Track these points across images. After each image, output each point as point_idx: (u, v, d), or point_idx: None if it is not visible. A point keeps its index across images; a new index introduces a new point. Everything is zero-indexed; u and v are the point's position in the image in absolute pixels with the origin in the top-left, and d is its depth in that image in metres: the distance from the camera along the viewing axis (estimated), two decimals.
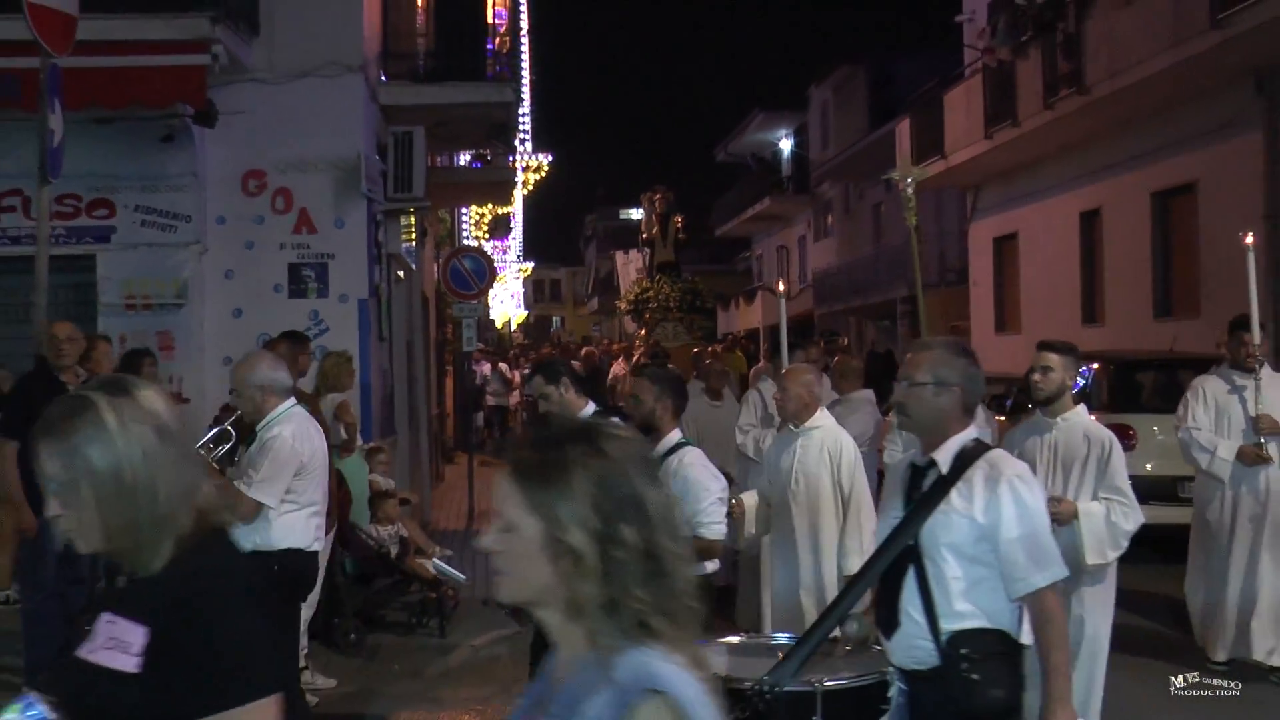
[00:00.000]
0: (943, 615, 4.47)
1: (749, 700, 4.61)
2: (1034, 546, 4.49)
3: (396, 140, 16.75)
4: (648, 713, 2.35)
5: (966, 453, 4.64)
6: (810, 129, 48.41)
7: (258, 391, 7.29)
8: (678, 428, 7.21)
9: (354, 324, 14.65)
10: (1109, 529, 7.03)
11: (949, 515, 4.53)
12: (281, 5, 14.49)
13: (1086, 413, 7.55)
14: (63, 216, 13.20)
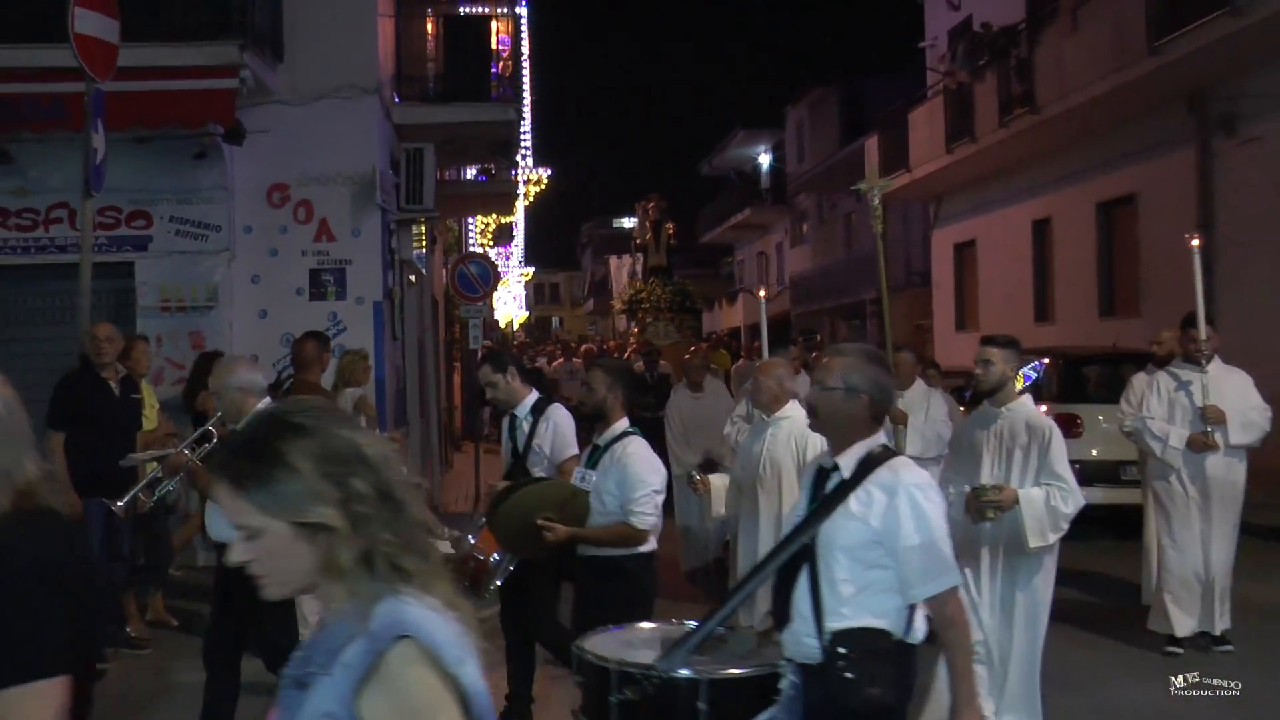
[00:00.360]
0: (829, 613, 4.28)
1: (639, 683, 4.56)
2: (930, 554, 4.28)
3: (408, 156, 16.80)
4: (397, 657, 2.32)
5: (870, 459, 4.42)
6: (787, 145, 48.33)
7: (237, 393, 7.26)
8: (625, 417, 7.04)
9: (370, 324, 14.64)
10: (1049, 513, 6.88)
11: (845, 519, 4.33)
12: (303, 33, 14.47)
13: (1031, 403, 7.35)
14: (105, 227, 13.20)
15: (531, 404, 8.02)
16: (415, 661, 2.34)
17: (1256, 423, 9.62)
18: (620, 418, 6.95)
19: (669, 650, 4.60)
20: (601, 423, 6.95)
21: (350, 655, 2.36)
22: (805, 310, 43.95)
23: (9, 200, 13.67)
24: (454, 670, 2.37)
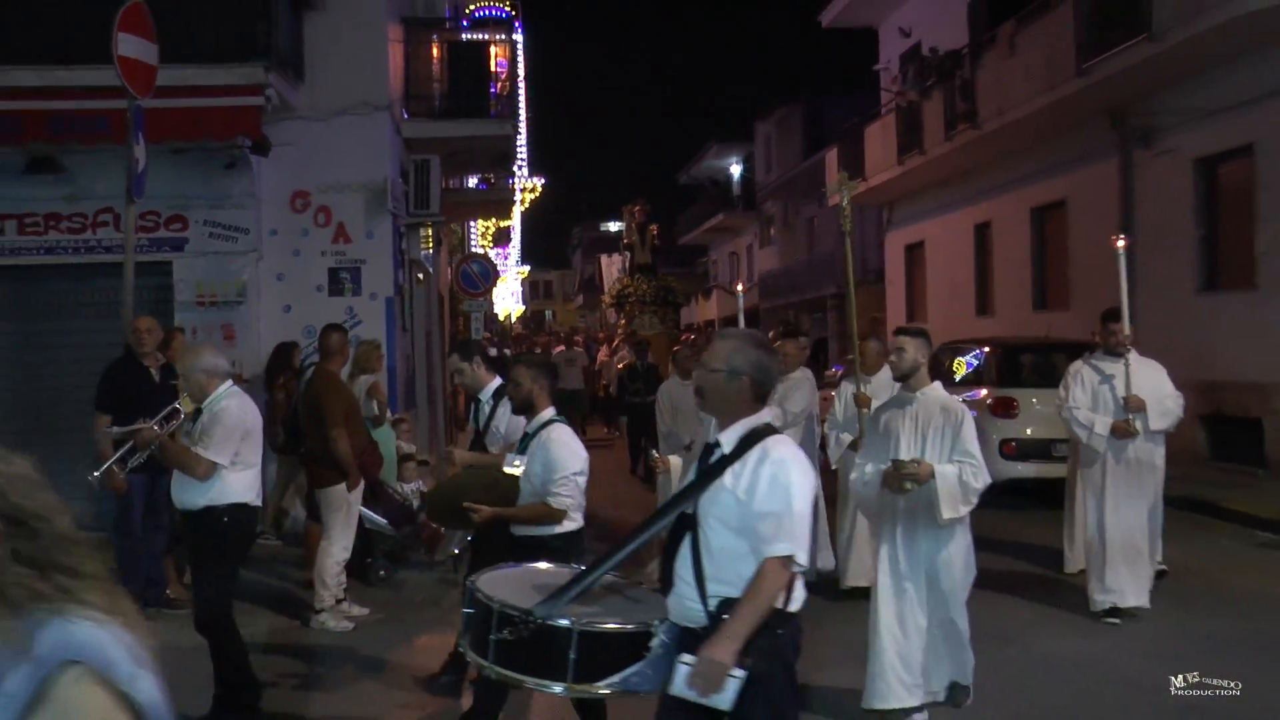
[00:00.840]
0: (709, 580, 4.12)
1: (516, 626, 4.45)
2: (778, 522, 4.08)
3: (416, 166, 16.83)
4: (65, 681, 2.07)
5: (752, 435, 4.24)
6: (756, 157, 48.39)
7: (202, 375, 7.27)
8: (551, 406, 6.89)
9: (382, 317, 14.64)
10: (961, 487, 6.77)
11: (721, 491, 4.17)
12: (322, 56, 14.48)
13: (942, 388, 7.18)
14: (145, 230, 13.17)
15: (493, 389, 8.00)
16: (84, 683, 2.09)
17: (1172, 410, 9.59)
18: (546, 407, 6.84)
19: (549, 597, 4.46)
20: (530, 412, 6.84)
21: (13, 684, 2.08)
22: (772, 304, 44.06)
23: (61, 205, 13.64)
24: (126, 687, 2.14)
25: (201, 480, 7.10)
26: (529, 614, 4.40)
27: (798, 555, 4.09)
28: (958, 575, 7.01)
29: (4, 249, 13.69)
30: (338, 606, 9.83)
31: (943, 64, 23.89)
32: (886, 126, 27.22)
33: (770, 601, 4.07)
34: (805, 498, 4.15)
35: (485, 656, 4.54)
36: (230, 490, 7.20)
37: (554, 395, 7.00)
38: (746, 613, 4.01)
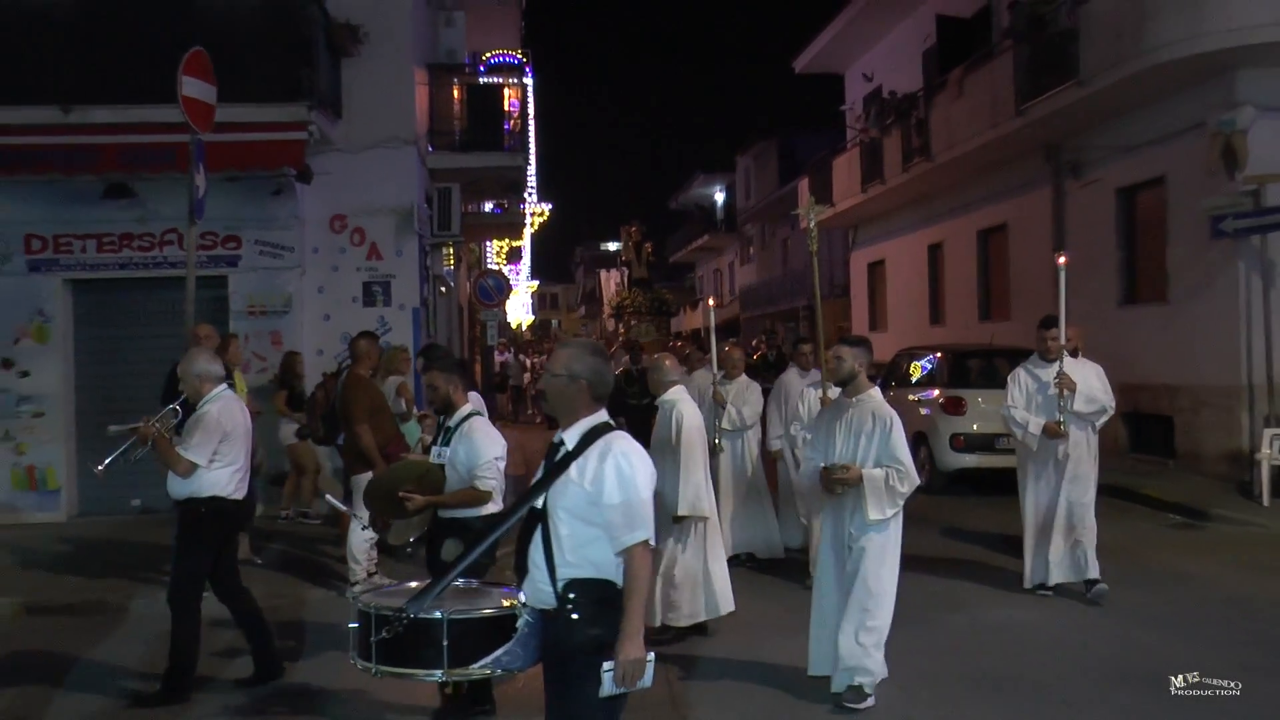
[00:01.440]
0: (559, 565, 4.05)
1: (392, 624, 4.33)
2: (629, 511, 3.99)
3: (439, 193, 16.93)
4: None
5: (592, 433, 4.14)
6: (737, 185, 48.44)
7: (196, 379, 7.17)
8: (468, 401, 6.80)
9: (409, 326, 14.71)
10: (888, 491, 6.55)
11: (567, 484, 4.07)
12: (357, 97, 14.55)
13: (879, 395, 6.90)
14: (205, 248, 13.23)
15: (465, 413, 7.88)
16: None
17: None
18: (464, 402, 6.75)
19: (416, 595, 4.34)
20: (450, 410, 6.74)
21: None
22: (751, 315, 44.13)
23: (133, 226, 13.75)
24: None
25: (182, 477, 7.00)
26: (401, 612, 4.30)
27: (649, 537, 4.03)
28: (885, 577, 6.71)
29: (85, 265, 13.82)
30: (369, 579, 9.88)
31: (900, 105, 23.97)
32: (851, 159, 27.24)
33: (647, 584, 4.05)
34: (648, 485, 4.09)
35: (370, 659, 4.42)
36: (209, 485, 7.06)
37: (467, 389, 6.94)
38: (635, 604, 3.97)
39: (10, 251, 13.68)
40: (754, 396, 10.97)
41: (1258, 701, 6.46)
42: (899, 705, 6.63)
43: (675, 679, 7.27)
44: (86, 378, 13.90)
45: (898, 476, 6.57)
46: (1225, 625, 8.31)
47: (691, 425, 8.25)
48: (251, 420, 11.21)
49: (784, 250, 41.67)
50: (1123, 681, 6.99)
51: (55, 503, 13.66)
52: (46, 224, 13.68)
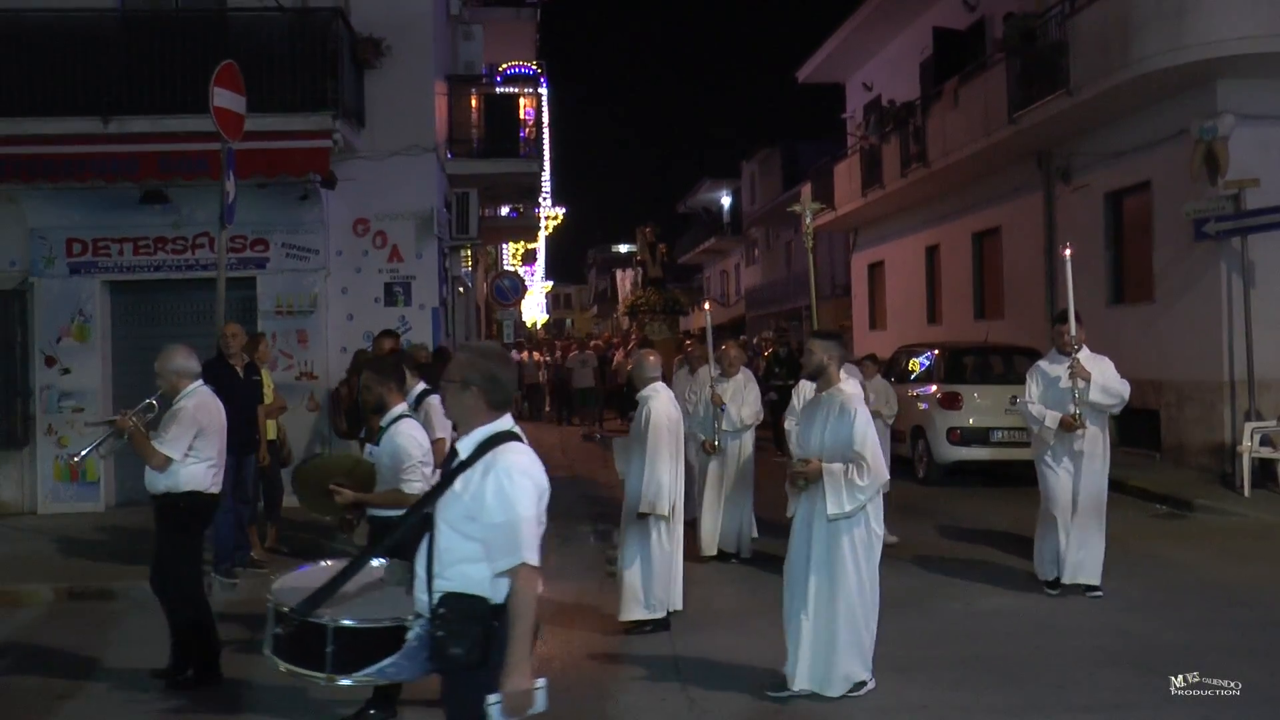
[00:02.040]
0: (435, 577, 3.78)
1: (286, 622, 4.19)
2: (509, 532, 3.67)
3: (458, 198, 16.99)
4: None
5: (486, 443, 3.83)
6: (742, 190, 48.45)
7: (173, 375, 7.07)
8: (402, 401, 6.65)
9: (429, 325, 14.73)
10: (847, 486, 6.18)
11: (451, 495, 3.79)
12: (380, 106, 14.59)
13: (852, 388, 6.53)
14: (235, 251, 13.27)
15: (419, 391, 7.82)
16: None
17: (1115, 389, 8.88)
18: (398, 403, 6.58)
19: (309, 597, 4.13)
20: (383, 411, 6.55)
21: None
22: (756, 314, 44.14)
23: (167, 230, 13.84)
24: None
25: (157, 470, 6.90)
26: (292, 611, 4.13)
27: (531, 560, 3.68)
28: (856, 575, 6.40)
29: (122, 267, 13.90)
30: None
31: (899, 114, 23.95)
32: (852, 165, 27.22)
33: (531, 609, 3.70)
34: (530, 503, 3.74)
35: (266, 648, 4.32)
36: (186, 480, 6.95)
37: (403, 392, 6.78)
38: (519, 631, 3.66)
39: (53, 255, 13.78)
40: (753, 395, 10.82)
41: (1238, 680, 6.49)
42: (895, 689, 6.63)
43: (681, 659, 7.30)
44: (123, 375, 13.97)
45: (858, 471, 6.21)
46: (1208, 610, 8.31)
47: (659, 422, 7.96)
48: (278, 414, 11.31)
49: (788, 252, 41.66)
50: (1111, 664, 7.00)
51: (95, 493, 13.75)
52: (86, 229, 13.77)
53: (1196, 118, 14.40)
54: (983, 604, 8.72)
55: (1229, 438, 14.17)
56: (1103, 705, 6.21)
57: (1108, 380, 8.93)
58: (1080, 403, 8.80)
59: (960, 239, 23.29)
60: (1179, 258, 15.32)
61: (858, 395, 6.48)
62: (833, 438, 6.37)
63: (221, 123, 10.12)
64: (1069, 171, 18.28)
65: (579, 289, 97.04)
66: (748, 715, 6.23)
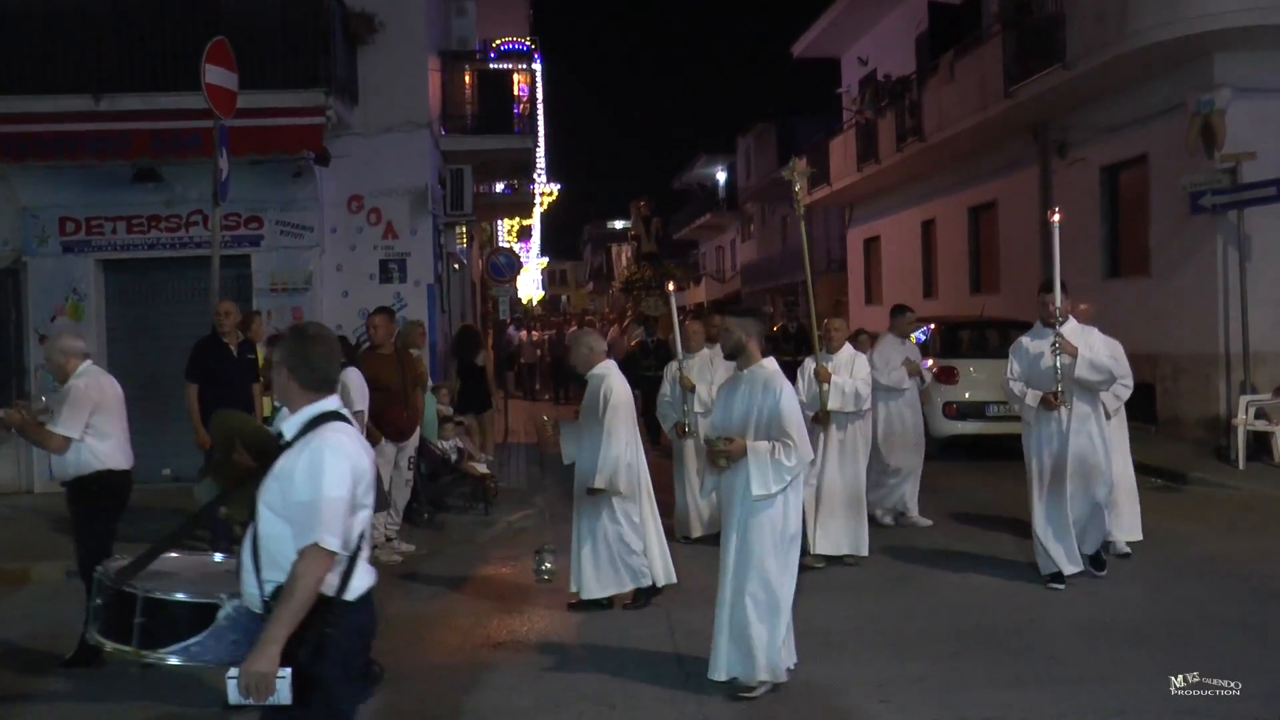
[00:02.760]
0: (263, 566, 3.61)
1: (105, 591, 4.08)
2: (310, 511, 3.49)
3: (452, 174, 16.89)
4: None
5: (310, 423, 3.68)
6: (738, 165, 48.30)
7: (60, 355, 6.96)
8: None
9: (424, 301, 14.72)
10: (772, 465, 5.90)
11: (272, 479, 3.63)
12: (373, 83, 14.52)
13: (773, 365, 6.23)
14: (229, 228, 13.25)
15: None
16: None
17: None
18: None
19: (127, 566, 4.02)
20: None
21: None
22: (752, 290, 44.09)
23: (160, 208, 13.79)
24: None
25: (59, 453, 6.84)
26: (106, 577, 4.03)
27: (325, 542, 3.49)
28: (767, 545, 6.06)
29: (115, 245, 13.87)
30: (388, 544, 9.95)
31: (894, 88, 23.89)
32: (847, 140, 27.20)
33: (308, 595, 3.48)
34: (339, 483, 3.57)
35: (88, 621, 4.24)
36: (94, 459, 6.90)
37: None
38: (282, 613, 3.44)
39: (46, 234, 13.74)
40: (721, 373, 10.23)
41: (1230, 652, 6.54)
42: (892, 662, 6.67)
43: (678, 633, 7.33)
44: (119, 353, 13.94)
45: (784, 450, 5.94)
46: (1202, 582, 8.36)
47: (619, 400, 7.83)
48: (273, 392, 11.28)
49: (783, 228, 41.60)
50: (1105, 636, 7.04)
51: None
52: (79, 207, 13.72)
53: (1193, 91, 14.38)
54: (977, 577, 8.74)
55: (1224, 411, 14.21)
56: (1096, 677, 6.25)
57: (1097, 355, 8.36)
58: (1062, 380, 8.22)
59: (956, 213, 23.28)
60: (1175, 231, 15.32)
61: (779, 372, 6.23)
62: (760, 417, 6.09)
63: (214, 100, 10.08)
64: (1065, 145, 18.25)
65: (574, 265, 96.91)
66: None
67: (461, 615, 8.11)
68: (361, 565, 3.70)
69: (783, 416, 6.02)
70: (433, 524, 11.32)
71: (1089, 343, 8.47)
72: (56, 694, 6.62)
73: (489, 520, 11.53)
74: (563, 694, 6.21)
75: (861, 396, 9.42)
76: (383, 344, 10.19)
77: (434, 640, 7.54)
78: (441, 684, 6.49)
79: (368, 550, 3.80)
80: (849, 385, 9.36)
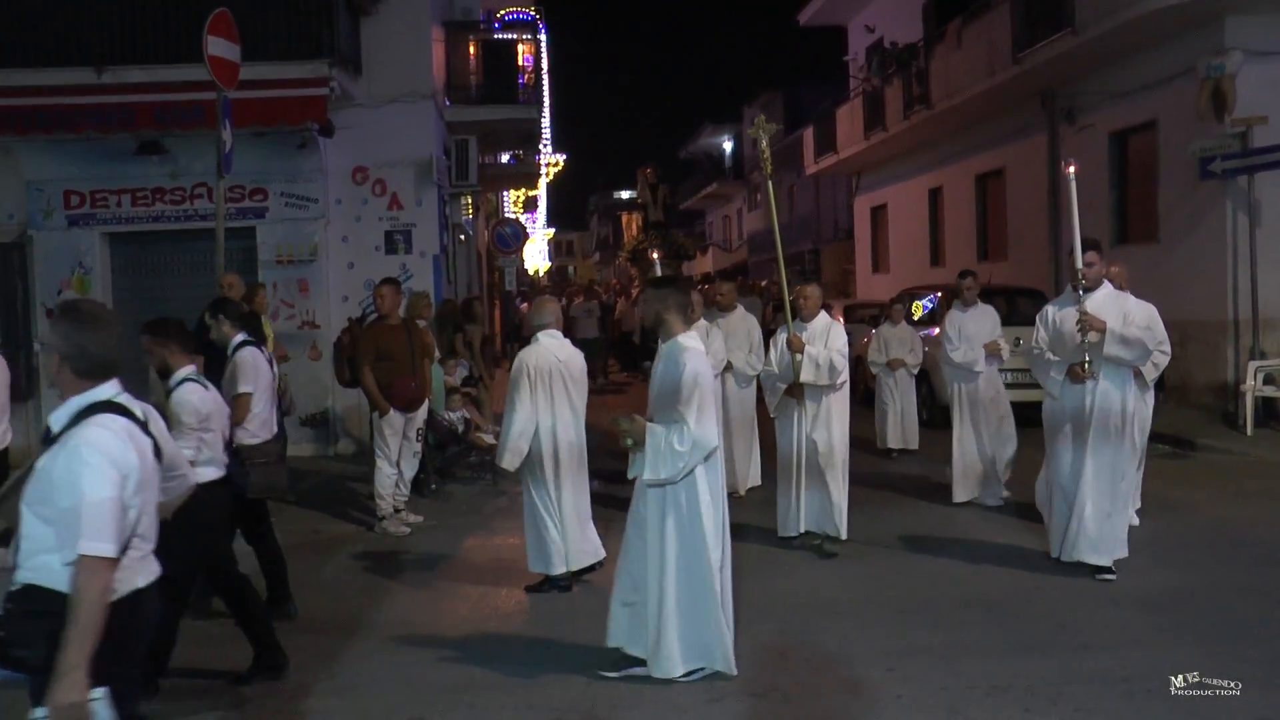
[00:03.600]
0: (19, 566, 3.32)
1: None
2: (73, 517, 3.21)
3: (457, 145, 16.90)
4: None
5: (79, 415, 3.39)
6: (744, 135, 48.15)
7: None
8: (189, 363, 6.00)
9: (430, 272, 14.71)
10: (667, 449, 5.57)
11: (34, 476, 3.35)
12: (377, 54, 14.47)
13: (689, 343, 5.85)
14: (233, 200, 13.25)
15: (236, 343, 7.41)
16: None
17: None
18: (183, 364, 5.98)
19: None
20: (168, 374, 6.01)
21: None
22: (758, 259, 43.95)
23: (165, 181, 13.80)
24: None
25: None
26: None
27: (97, 550, 3.21)
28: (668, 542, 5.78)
29: (120, 218, 13.88)
30: (396, 515, 9.97)
31: (901, 56, 23.75)
32: (854, 108, 27.08)
33: (95, 609, 3.19)
34: (102, 484, 3.27)
35: None
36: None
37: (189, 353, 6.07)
38: (73, 635, 3.15)
39: (51, 207, 13.76)
40: (718, 343, 9.93)
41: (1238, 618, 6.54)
42: (897, 629, 6.68)
43: None
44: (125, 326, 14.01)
45: (679, 435, 5.58)
46: (1210, 549, 8.35)
47: (519, 369, 7.74)
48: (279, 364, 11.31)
49: (790, 196, 41.48)
50: (1112, 604, 7.04)
51: None
52: (84, 180, 13.73)
53: (1204, 55, 14.26)
54: (984, 544, 8.74)
55: (1233, 377, 14.17)
56: (1104, 644, 6.25)
57: (1128, 329, 7.51)
58: (1090, 359, 7.50)
59: (963, 181, 23.19)
60: (1184, 197, 15.23)
61: (695, 350, 5.86)
62: (666, 398, 5.76)
63: (216, 72, 10.02)
64: (1073, 111, 18.14)
65: (581, 235, 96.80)
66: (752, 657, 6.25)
67: (469, 585, 8.13)
68: (127, 565, 3.40)
69: (680, 395, 5.62)
70: (440, 495, 11.34)
71: (1124, 310, 7.65)
72: None
73: (496, 491, 11.55)
74: (572, 663, 6.23)
75: (836, 369, 8.72)
76: (389, 314, 10.18)
77: (442, 610, 7.56)
78: (450, 654, 6.52)
79: (144, 548, 3.54)
80: (823, 356, 8.71)
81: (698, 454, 5.63)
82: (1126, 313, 7.61)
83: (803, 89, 39.98)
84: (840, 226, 34.71)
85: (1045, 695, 5.51)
